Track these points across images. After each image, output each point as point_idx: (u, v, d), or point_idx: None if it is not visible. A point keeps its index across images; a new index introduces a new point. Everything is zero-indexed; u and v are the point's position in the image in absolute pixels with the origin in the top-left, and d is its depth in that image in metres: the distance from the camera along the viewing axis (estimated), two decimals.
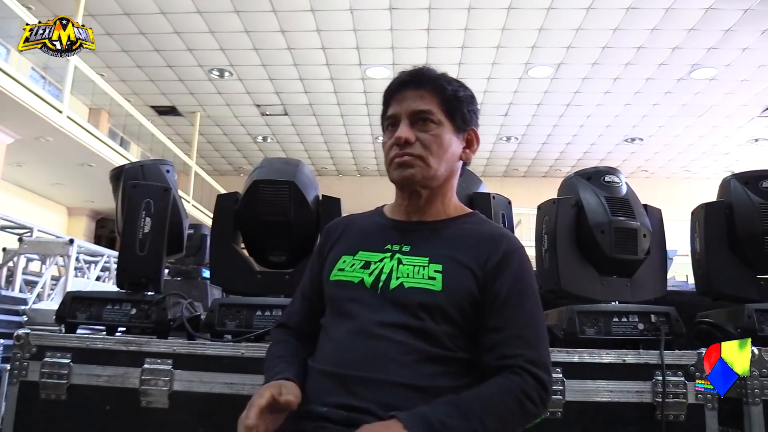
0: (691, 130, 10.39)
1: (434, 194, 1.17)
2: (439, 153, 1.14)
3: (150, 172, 2.09)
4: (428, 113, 1.13)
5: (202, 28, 7.57)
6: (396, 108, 1.15)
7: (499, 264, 1.08)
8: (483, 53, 8.01)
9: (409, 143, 1.12)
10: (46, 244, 5.37)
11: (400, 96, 1.15)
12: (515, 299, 1.06)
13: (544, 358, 1.04)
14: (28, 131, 6.84)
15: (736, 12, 6.73)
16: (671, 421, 1.60)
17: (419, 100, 1.13)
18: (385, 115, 1.19)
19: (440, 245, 1.11)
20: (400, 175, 1.13)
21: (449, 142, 1.15)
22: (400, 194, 1.19)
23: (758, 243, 1.86)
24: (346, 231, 1.22)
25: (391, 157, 1.14)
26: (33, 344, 1.77)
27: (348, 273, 1.12)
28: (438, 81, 1.15)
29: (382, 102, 1.20)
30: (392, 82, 1.18)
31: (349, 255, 1.15)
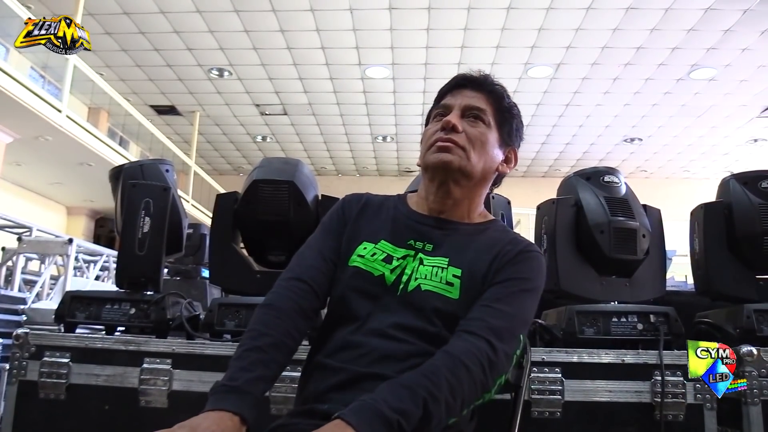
0: (690, 130, 10.40)
1: (464, 195, 1.13)
2: (482, 152, 1.11)
3: (149, 172, 2.09)
4: (482, 111, 1.13)
5: (201, 27, 7.56)
6: (450, 100, 1.15)
7: (510, 259, 1.05)
8: (482, 53, 8.00)
9: (456, 130, 1.09)
10: (46, 243, 5.36)
11: (458, 92, 1.15)
12: (506, 290, 1.02)
13: (504, 336, 0.96)
14: (27, 130, 6.84)
15: (736, 12, 6.73)
16: (670, 421, 1.60)
17: (476, 99, 1.13)
18: (435, 106, 1.17)
19: (462, 249, 1.08)
20: (438, 158, 1.09)
21: (492, 146, 1.14)
22: (428, 184, 1.14)
23: (757, 243, 1.86)
24: (365, 210, 1.17)
25: (432, 141, 1.11)
26: (32, 344, 1.77)
27: (368, 262, 1.07)
28: (498, 89, 1.16)
29: (436, 98, 1.19)
30: (452, 79, 1.18)
31: (369, 242, 1.10)
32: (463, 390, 0.88)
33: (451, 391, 0.86)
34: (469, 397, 0.90)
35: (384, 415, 0.79)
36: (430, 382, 0.85)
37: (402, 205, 1.18)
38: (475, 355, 0.91)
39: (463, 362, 0.89)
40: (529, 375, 1.60)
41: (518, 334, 0.99)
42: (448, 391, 0.86)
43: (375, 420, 0.79)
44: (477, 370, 0.89)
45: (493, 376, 0.92)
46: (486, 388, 0.91)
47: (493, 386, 0.92)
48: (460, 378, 0.88)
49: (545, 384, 1.64)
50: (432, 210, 1.14)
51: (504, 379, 0.94)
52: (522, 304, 1.02)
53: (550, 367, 1.66)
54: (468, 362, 0.89)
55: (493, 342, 0.92)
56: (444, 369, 0.88)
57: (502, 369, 0.93)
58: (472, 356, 0.90)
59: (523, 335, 1.00)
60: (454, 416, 0.88)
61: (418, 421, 0.81)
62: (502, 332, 0.95)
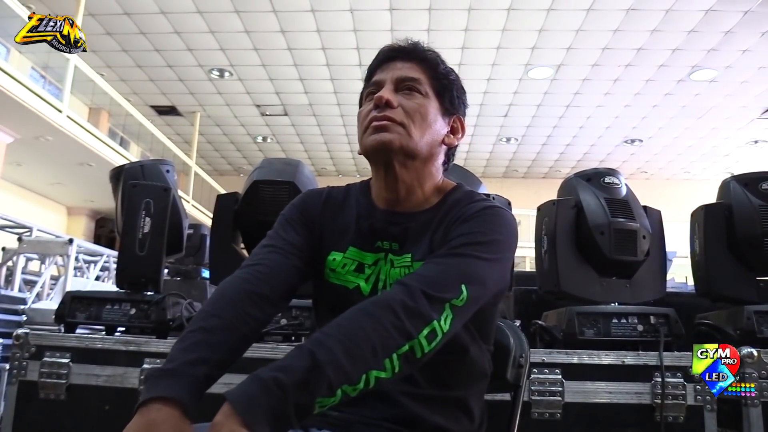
0: (690, 131, 10.40)
1: (413, 178, 1.02)
2: (423, 125, 1.00)
3: (150, 172, 2.09)
4: (416, 81, 1.02)
5: (202, 28, 7.57)
6: (380, 75, 1.04)
7: (465, 219, 0.96)
8: (483, 54, 8.01)
9: (391, 106, 0.99)
10: (46, 243, 5.36)
11: (388, 65, 1.04)
12: (450, 245, 0.93)
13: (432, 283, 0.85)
14: (27, 131, 6.84)
15: (736, 14, 6.74)
16: (670, 422, 1.60)
17: (408, 69, 1.03)
18: (366, 85, 1.06)
19: (423, 239, 0.99)
20: (375, 139, 0.98)
21: (434, 118, 1.03)
22: (375, 173, 1.05)
23: (758, 244, 1.86)
24: (327, 208, 1.08)
25: (367, 122, 1.00)
26: (32, 344, 1.77)
27: (340, 276, 1.02)
28: (431, 55, 1.06)
29: (365, 77, 1.08)
30: (380, 51, 1.07)
31: (338, 251, 1.03)
32: (367, 336, 0.78)
33: (347, 338, 0.77)
34: (383, 343, 0.78)
35: (258, 376, 0.72)
36: (321, 334, 0.78)
37: (365, 198, 1.08)
38: (386, 301, 0.82)
39: (366, 310, 0.81)
40: (529, 376, 1.61)
41: (455, 282, 0.86)
42: (343, 337, 0.77)
43: (251, 383, 0.71)
44: (386, 314, 0.80)
45: (413, 320, 0.81)
46: (407, 335, 0.79)
47: (420, 333, 0.80)
48: (361, 324, 0.79)
49: (545, 385, 1.64)
50: (388, 202, 1.04)
51: (440, 328, 0.82)
52: (465, 256, 0.90)
53: (550, 368, 1.66)
54: (373, 309, 0.81)
55: (413, 287, 0.84)
56: (340, 320, 0.81)
57: (428, 314, 0.81)
58: (381, 303, 0.82)
59: (467, 287, 0.86)
60: (373, 366, 0.77)
61: (306, 371, 0.72)
62: (431, 279, 0.86)
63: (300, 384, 0.71)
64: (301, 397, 0.71)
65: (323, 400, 0.73)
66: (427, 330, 0.82)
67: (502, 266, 0.95)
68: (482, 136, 10.85)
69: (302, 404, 0.71)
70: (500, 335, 1.13)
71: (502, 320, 1.19)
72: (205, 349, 0.84)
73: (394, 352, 0.79)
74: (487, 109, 9.71)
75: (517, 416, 1.10)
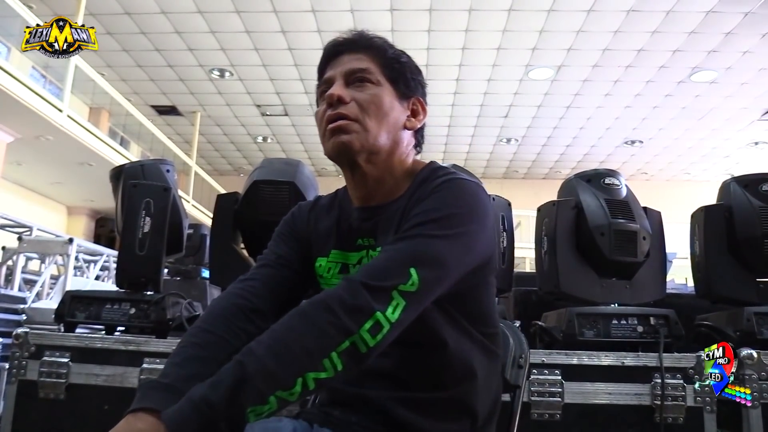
0: (691, 132, 10.40)
1: (382, 171, 0.99)
2: (378, 116, 0.97)
3: (150, 172, 2.09)
4: (365, 72, 0.99)
5: (202, 27, 7.57)
6: (329, 72, 1.01)
7: (422, 199, 0.92)
8: (483, 55, 8.01)
9: (343, 102, 0.96)
10: (46, 243, 5.36)
11: (335, 61, 1.01)
12: (402, 229, 0.89)
13: (375, 273, 0.82)
14: (28, 130, 6.84)
15: (737, 15, 6.74)
16: (670, 423, 1.60)
17: (356, 60, 1.00)
18: (318, 85, 1.04)
19: (391, 229, 0.96)
20: (334, 143, 0.95)
21: (390, 105, 0.99)
22: (344, 174, 1.02)
23: (758, 246, 1.86)
24: (313, 216, 1.08)
25: (324, 124, 0.97)
26: (32, 343, 1.77)
27: (328, 281, 1.01)
28: (378, 42, 1.03)
29: (317, 76, 1.05)
30: (325, 47, 1.04)
31: (322, 257, 1.03)
32: (299, 337, 0.76)
33: (278, 342, 0.75)
34: (319, 343, 0.76)
35: (190, 397, 0.72)
36: (254, 342, 0.76)
37: (345, 200, 1.07)
38: (321, 299, 0.80)
39: (301, 311, 0.79)
40: (529, 377, 1.61)
41: (402, 268, 0.82)
42: (274, 342, 0.75)
43: (183, 403, 0.72)
44: (321, 313, 0.77)
45: (352, 315, 0.77)
46: (346, 331, 0.76)
47: (361, 327, 0.77)
48: (292, 327, 0.77)
49: (545, 386, 1.64)
50: (361, 198, 1.02)
51: (385, 319, 0.79)
52: (415, 237, 0.86)
53: (550, 369, 1.66)
54: (308, 308, 0.79)
55: (354, 281, 0.80)
56: (275, 324, 0.79)
57: (369, 307, 0.78)
58: (317, 302, 0.79)
59: (417, 269, 0.82)
60: (308, 368, 0.74)
61: (234, 385, 0.71)
62: (374, 269, 0.83)
63: (229, 399, 0.71)
64: (231, 411, 0.71)
65: (257, 409, 0.72)
66: (369, 323, 0.78)
67: (465, 240, 0.88)
68: (482, 136, 10.85)
69: (233, 418, 0.71)
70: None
71: (502, 321, 1.19)
72: (198, 365, 0.84)
73: (333, 350, 0.76)
74: (487, 110, 9.71)
75: (517, 417, 1.10)
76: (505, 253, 1.97)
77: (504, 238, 1.98)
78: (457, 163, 2.29)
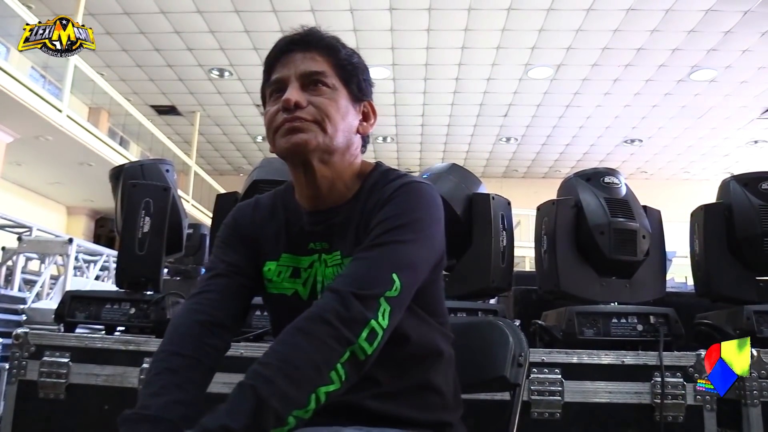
0: (690, 131, 10.40)
1: (333, 173, 0.99)
2: (336, 119, 0.96)
3: (149, 172, 2.09)
4: (322, 75, 0.97)
5: (202, 27, 7.57)
6: (282, 71, 0.97)
7: (382, 203, 0.94)
8: (483, 54, 8.01)
9: (301, 107, 0.94)
10: (45, 243, 5.35)
11: (287, 59, 0.98)
12: (372, 235, 0.90)
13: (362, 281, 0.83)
14: (27, 130, 6.84)
15: (736, 14, 6.74)
16: (670, 422, 1.60)
17: (310, 61, 0.97)
18: (267, 82, 1.00)
19: (349, 233, 0.97)
20: (289, 141, 0.93)
21: (346, 110, 0.98)
22: (294, 173, 1.00)
23: (757, 244, 1.86)
24: (256, 218, 1.06)
25: (277, 124, 0.95)
26: (32, 343, 1.77)
27: (278, 285, 1.00)
28: (330, 42, 1.00)
29: (264, 71, 1.02)
30: (276, 44, 1.01)
31: (272, 260, 1.01)
32: (306, 355, 0.76)
33: (286, 363, 0.76)
34: (325, 358, 0.77)
35: (206, 428, 0.70)
36: (260, 365, 0.76)
37: (290, 201, 1.05)
38: (318, 314, 0.80)
39: (299, 327, 0.80)
40: (529, 375, 1.61)
41: (385, 274, 0.85)
42: (282, 363, 0.76)
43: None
44: (321, 328, 0.78)
45: (349, 326, 0.79)
46: (346, 341, 0.78)
47: (359, 337, 0.79)
48: (297, 345, 0.78)
49: (545, 385, 1.64)
50: (311, 201, 1.01)
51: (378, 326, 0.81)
52: (389, 244, 0.88)
53: (550, 368, 1.66)
54: (307, 325, 0.80)
55: (343, 292, 0.82)
56: (276, 344, 0.79)
57: (363, 316, 0.80)
58: (314, 317, 0.80)
59: (398, 275, 0.85)
60: (318, 383, 0.76)
61: (252, 412, 0.71)
62: (360, 278, 0.84)
63: (250, 425, 0.70)
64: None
65: (277, 431, 0.72)
66: (365, 332, 0.80)
67: (430, 242, 0.93)
68: (482, 135, 10.85)
69: None
70: (500, 335, 1.13)
71: (501, 319, 1.20)
72: (175, 390, 0.84)
73: (337, 362, 0.78)
74: (486, 109, 9.71)
75: (517, 416, 1.10)
76: (504, 252, 1.97)
77: (504, 237, 1.98)
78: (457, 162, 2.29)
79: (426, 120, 10.20)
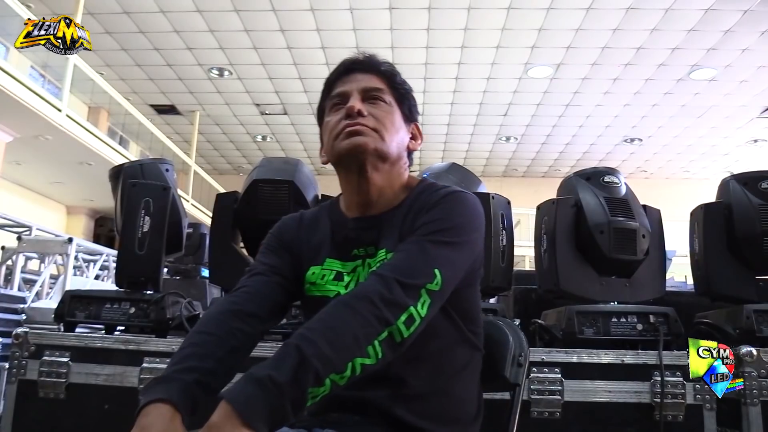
0: (690, 130, 10.40)
1: (384, 180, 1.06)
2: (392, 130, 1.06)
3: (149, 171, 2.09)
4: (381, 92, 1.08)
5: (201, 27, 7.56)
6: (345, 86, 1.08)
7: (428, 207, 1.00)
8: (483, 53, 8.01)
9: (362, 114, 1.03)
10: (45, 242, 5.35)
11: (348, 78, 1.09)
12: (417, 233, 0.96)
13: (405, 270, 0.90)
14: (27, 129, 6.83)
15: (736, 13, 6.74)
16: (669, 421, 1.60)
17: (370, 80, 1.09)
18: (328, 94, 1.10)
19: (394, 233, 1.03)
20: (350, 143, 1.02)
21: (399, 124, 1.09)
22: (346, 178, 1.08)
23: (757, 244, 1.86)
24: (302, 229, 1.13)
25: (338, 130, 1.03)
26: (32, 343, 1.77)
27: (321, 287, 1.05)
28: (387, 67, 1.12)
29: (324, 89, 1.13)
30: (338, 66, 1.12)
31: (317, 265, 1.07)
32: (348, 326, 0.82)
33: (330, 330, 0.81)
34: (364, 332, 0.83)
35: (253, 375, 0.75)
36: (305, 329, 0.82)
37: (335, 212, 1.12)
38: (362, 292, 0.87)
39: (345, 302, 0.86)
40: (529, 375, 1.61)
41: (428, 268, 0.91)
42: (326, 329, 0.81)
43: (246, 383, 0.75)
44: (364, 305, 0.85)
45: (390, 308, 0.85)
46: (385, 322, 0.84)
47: (398, 319, 0.85)
48: (341, 316, 0.84)
49: (545, 384, 1.64)
50: (360, 207, 1.08)
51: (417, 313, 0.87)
52: (432, 242, 0.95)
53: (550, 367, 1.66)
54: (351, 300, 0.86)
55: (387, 277, 0.88)
56: (322, 314, 0.85)
57: (404, 301, 0.86)
58: (359, 294, 0.87)
59: (440, 271, 0.91)
60: (357, 354, 0.81)
61: (296, 366, 0.76)
62: (404, 268, 0.90)
63: (292, 378, 0.75)
64: (294, 391, 0.75)
65: (314, 391, 0.77)
66: (404, 316, 0.86)
67: (470, 248, 0.99)
68: (482, 135, 10.85)
69: (296, 398, 0.75)
70: (499, 334, 1.13)
71: (501, 319, 1.20)
72: (194, 359, 0.89)
73: (375, 339, 0.83)
74: (486, 108, 9.71)
75: (517, 415, 1.10)
76: (504, 252, 1.97)
77: (503, 236, 1.98)
78: (457, 161, 2.29)
79: (425, 119, 10.19)
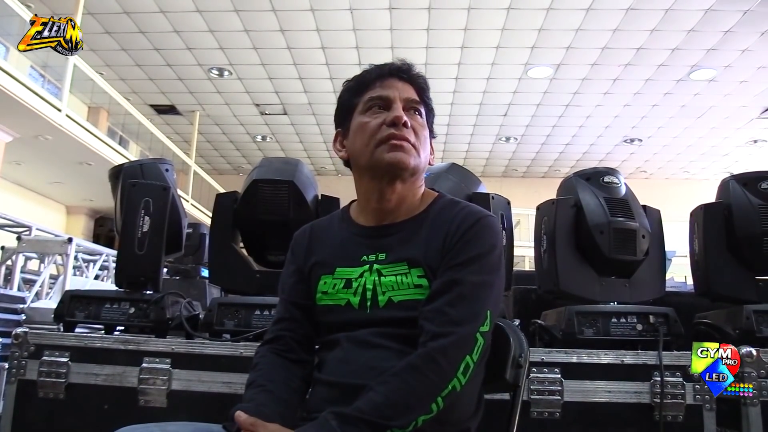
0: (690, 131, 10.40)
1: (406, 190, 1.10)
2: (425, 145, 1.11)
3: (149, 171, 2.09)
4: (419, 104, 1.11)
5: (201, 27, 7.56)
6: (387, 91, 1.09)
7: (462, 236, 1.03)
8: (482, 53, 8.01)
9: (407, 126, 1.07)
10: (45, 242, 5.35)
11: (388, 82, 1.10)
12: (464, 270, 0.99)
13: (463, 321, 0.95)
14: (27, 129, 6.83)
15: (736, 13, 6.74)
16: (669, 421, 1.60)
17: (410, 90, 1.11)
18: (363, 93, 1.11)
19: (414, 246, 1.05)
20: (394, 158, 1.05)
21: (427, 139, 1.13)
22: (371, 183, 1.10)
23: (757, 244, 1.86)
24: (313, 242, 1.15)
25: (384, 136, 1.06)
26: (31, 343, 1.77)
27: (332, 296, 1.07)
28: (423, 81, 1.14)
29: (355, 86, 1.13)
30: (376, 67, 1.13)
31: (328, 275, 1.09)
32: (416, 390, 0.90)
33: (396, 396, 0.89)
34: (430, 391, 0.90)
35: None
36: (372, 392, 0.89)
37: (346, 221, 1.15)
38: (427, 353, 0.92)
39: (412, 364, 0.92)
40: (528, 375, 1.61)
41: (482, 312, 0.97)
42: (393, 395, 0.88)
43: None
44: (429, 366, 0.91)
45: (451, 363, 0.92)
46: (447, 377, 0.91)
47: (457, 370, 0.92)
48: (406, 380, 0.90)
49: (544, 384, 1.64)
50: (377, 216, 1.11)
51: (471, 360, 0.93)
52: (483, 282, 0.99)
53: (550, 368, 1.66)
54: (418, 362, 0.92)
55: (447, 332, 0.93)
56: (389, 377, 0.91)
57: (462, 352, 0.93)
58: (424, 356, 0.92)
59: (491, 312, 0.98)
60: (421, 413, 0.89)
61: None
62: (462, 318, 0.95)
63: None
64: None
65: None
66: (462, 365, 0.93)
67: (503, 274, 1.05)
68: (482, 135, 10.85)
69: None
70: (499, 335, 1.13)
71: (501, 320, 1.19)
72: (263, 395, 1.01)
73: (441, 394, 0.90)
74: (486, 109, 9.71)
75: (516, 416, 1.10)
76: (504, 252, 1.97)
77: (503, 236, 1.97)
78: (456, 161, 2.29)
79: None
